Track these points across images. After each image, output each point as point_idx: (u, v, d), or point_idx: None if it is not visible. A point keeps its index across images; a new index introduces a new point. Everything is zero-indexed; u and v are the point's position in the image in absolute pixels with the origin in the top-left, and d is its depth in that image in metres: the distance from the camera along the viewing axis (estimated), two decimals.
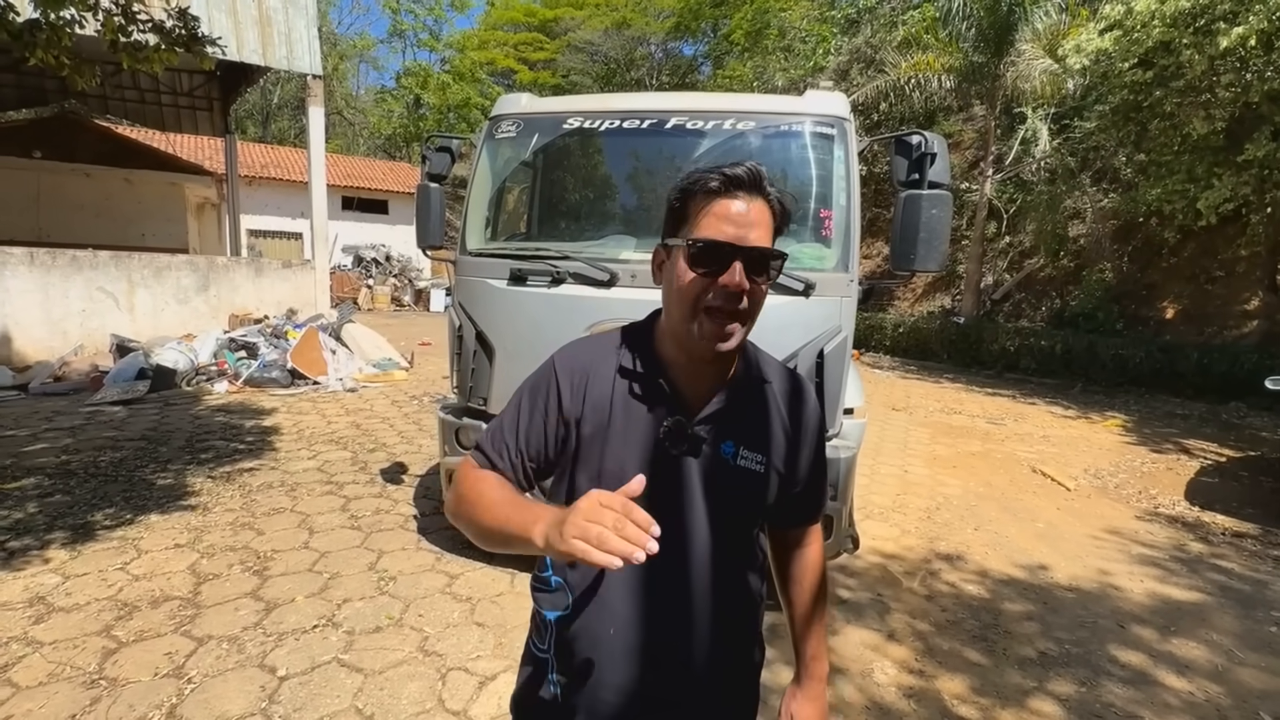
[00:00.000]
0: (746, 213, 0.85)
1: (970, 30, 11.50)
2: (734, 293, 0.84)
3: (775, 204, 0.89)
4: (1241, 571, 3.63)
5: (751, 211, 0.85)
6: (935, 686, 2.42)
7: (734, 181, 0.85)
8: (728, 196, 0.86)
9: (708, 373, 0.93)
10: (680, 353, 0.92)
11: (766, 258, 0.86)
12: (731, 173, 0.85)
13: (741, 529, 0.96)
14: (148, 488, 3.92)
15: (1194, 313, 10.72)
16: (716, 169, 0.86)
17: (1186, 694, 2.46)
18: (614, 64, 29.67)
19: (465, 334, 2.96)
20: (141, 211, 14.78)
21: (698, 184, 0.87)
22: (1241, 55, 8.09)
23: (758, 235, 0.85)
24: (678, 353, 0.93)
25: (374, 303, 18.21)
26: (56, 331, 7.49)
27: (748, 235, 0.84)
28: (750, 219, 0.85)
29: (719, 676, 0.95)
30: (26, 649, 2.33)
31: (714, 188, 0.86)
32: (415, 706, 2.15)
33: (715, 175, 0.86)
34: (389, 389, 7.29)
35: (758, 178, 0.86)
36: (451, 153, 3.25)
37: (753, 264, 0.84)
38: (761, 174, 0.87)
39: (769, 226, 0.87)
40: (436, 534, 3.46)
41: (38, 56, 3.32)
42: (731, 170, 0.85)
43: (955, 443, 6.27)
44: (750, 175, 0.86)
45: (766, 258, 0.86)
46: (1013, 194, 13.76)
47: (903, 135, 2.60)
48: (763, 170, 0.87)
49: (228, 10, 8.13)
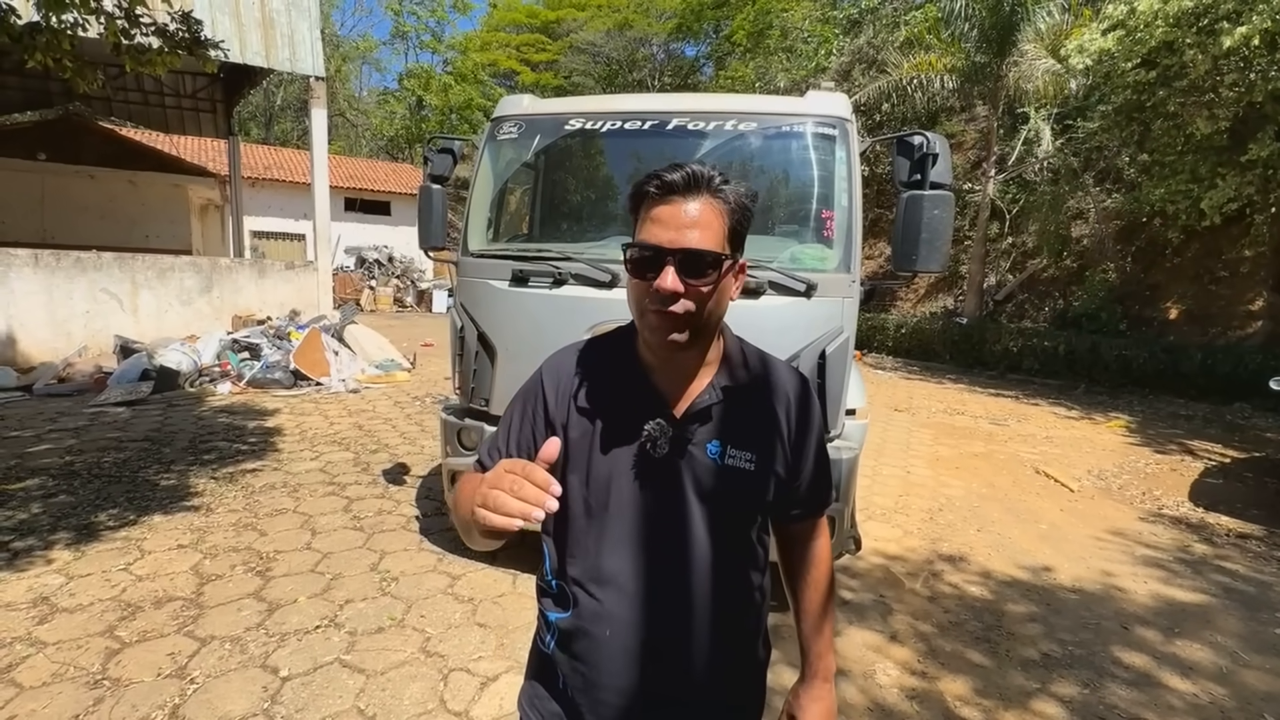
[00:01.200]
0: (684, 215, 0.83)
1: (972, 30, 11.49)
2: (667, 295, 0.82)
3: (730, 201, 0.86)
4: (1246, 573, 3.61)
5: (691, 213, 0.83)
6: (938, 688, 2.42)
7: (668, 186, 0.83)
8: (663, 201, 0.84)
9: (686, 373, 0.93)
10: (654, 355, 0.92)
11: (698, 259, 0.82)
12: (668, 177, 0.83)
13: (738, 528, 0.96)
14: (151, 488, 3.93)
15: (1198, 313, 10.68)
16: (655, 173, 0.84)
17: (1190, 696, 2.45)
18: (616, 65, 29.68)
19: (467, 335, 2.97)
20: (145, 213, 14.86)
21: (638, 189, 0.87)
22: (1245, 55, 8.07)
23: (698, 237, 0.82)
24: (653, 355, 0.93)
25: (376, 304, 18.25)
26: (61, 333, 7.52)
27: (683, 238, 0.82)
28: (689, 221, 0.82)
29: (720, 676, 0.95)
30: (30, 649, 2.34)
31: (650, 192, 0.85)
32: (417, 707, 2.15)
33: (653, 180, 0.84)
34: (391, 390, 7.30)
35: (695, 179, 0.83)
36: (453, 154, 3.25)
37: (688, 266, 0.82)
38: (701, 175, 0.83)
39: (717, 227, 0.84)
40: (438, 535, 3.47)
41: (37, 59, 3.34)
42: (668, 175, 0.83)
43: (958, 444, 6.26)
44: (687, 177, 0.83)
45: (698, 259, 0.82)
46: (1015, 194, 13.74)
47: (905, 136, 2.59)
48: (706, 170, 0.84)
49: (231, 12, 8.16)
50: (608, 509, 0.91)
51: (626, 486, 0.91)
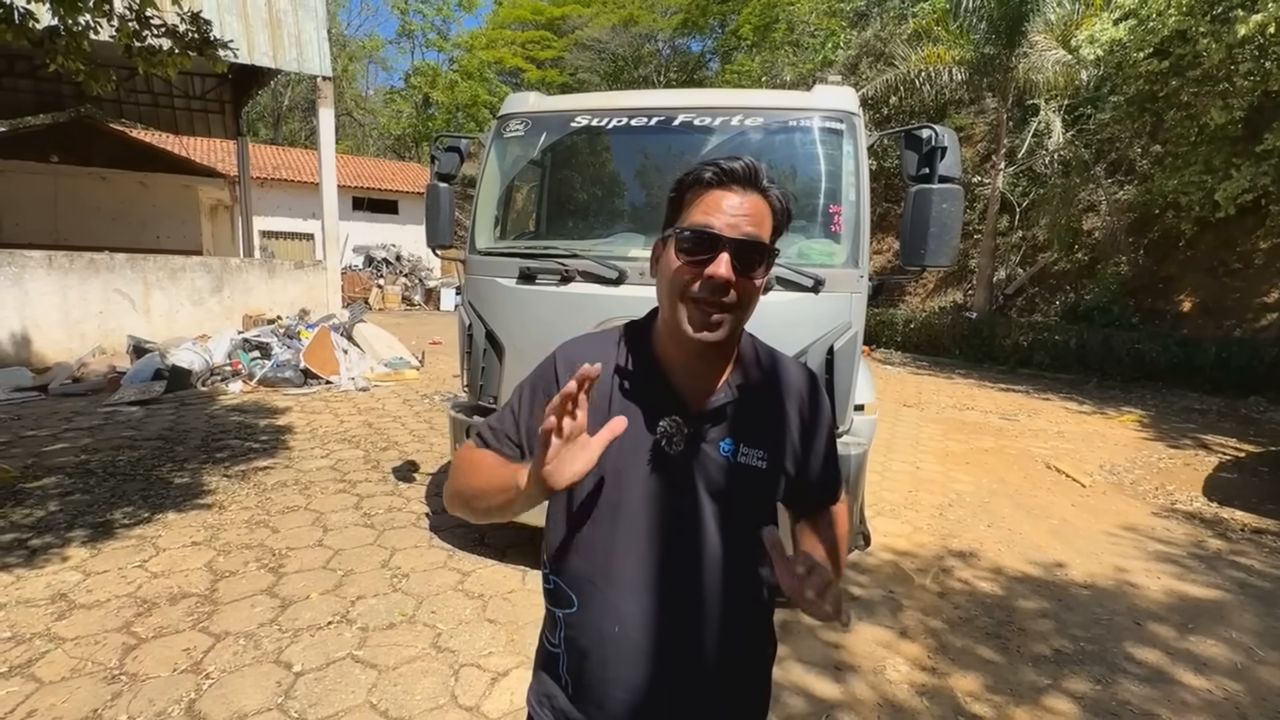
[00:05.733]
0: (740, 206, 0.84)
1: (981, 22, 11.38)
2: (719, 284, 0.82)
3: (775, 201, 0.87)
4: (1262, 568, 3.57)
5: (746, 205, 0.84)
6: (948, 684, 2.41)
7: (729, 174, 0.84)
8: (722, 189, 0.85)
9: (706, 371, 0.93)
10: (677, 350, 0.92)
11: (756, 250, 0.84)
12: (727, 165, 0.84)
13: (749, 525, 0.95)
14: (165, 486, 3.97)
15: (1212, 306, 10.55)
16: (713, 161, 0.85)
17: (1205, 692, 2.43)
18: (621, 61, 29.61)
19: (475, 333, 2.98)
20: (156, 214, 14.97)
21: (693, 176, 0.87)
22: (1260, 43, 7.95)
23: (751, 229, 0.84)
24: (676, 351, 0.92)
25: (385, 302, 18.33)
26: (75, 333, 7.60)
27: (740, 228, 0.83)
28: (744, 212, 0.84)
29: (728, 671, 0.95)
30: (49, 645, 2.38)
31: (708, 179, 0.85)
32: (429, 702, 2.17)
33: (711, 167, 0.85)
34: (400, 388, 7.34)
35: (754, 173, 0.85)
36: (460, 152, 3.26)
37: (742, 257, 0.83)
38: (758, 169, 0.85)
39: (766, 223, 0.86)
40: (448, 531, 3.49)
41: (58, 63, 3.38)
42: (728, 163, 0.84)
43: (968, 439, 6.22)
44: (747, 170, 0.84)
45: (756, 250, 0.84)
46: (1025, 187, 13.61)
47: (913, 129, 2.58)
48: (761, 166, 0.85)
49: (238, 13, 8.19)
50: (620, 505, 0.91)
51: (639, 483, 0.90)
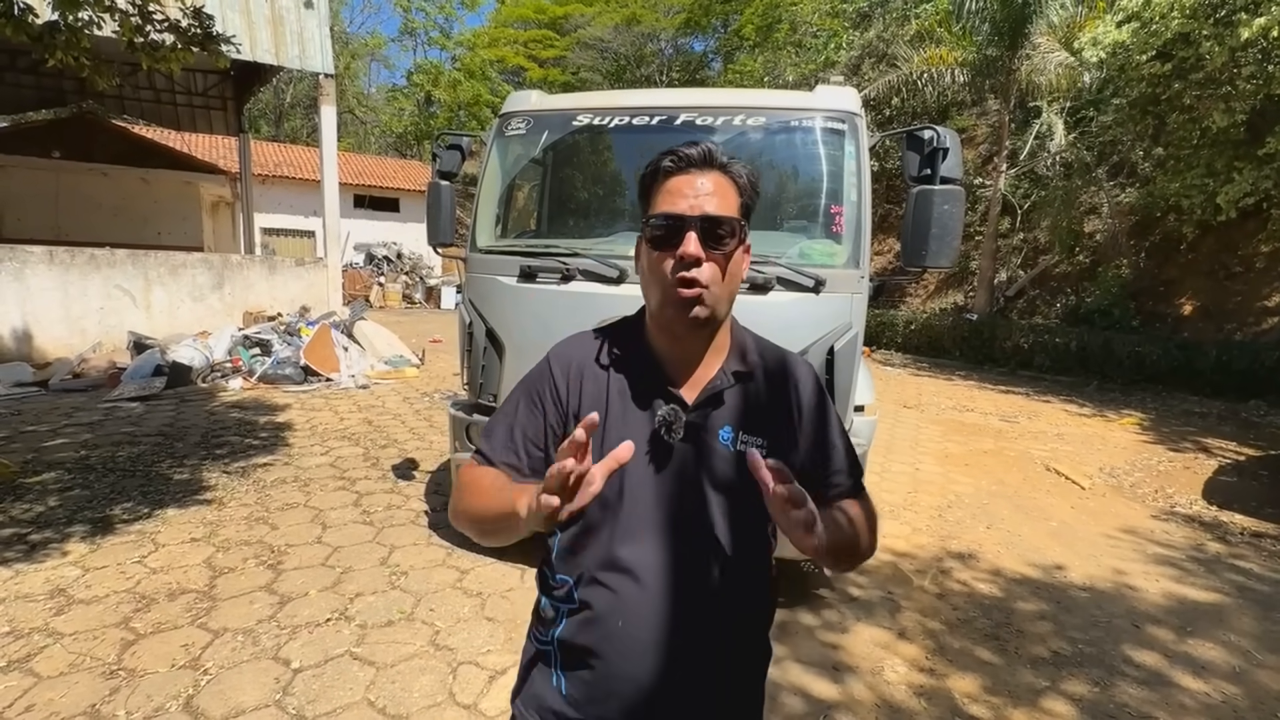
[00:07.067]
0: (702, 186, 0.87)
1: (984, 24, 11.37)
2: (690, 261, 0.84)
3: (739, 177, 0.90)
4: (1261, 572, 3.57)
5: (709, 184, 0.87)
6: (946, 685, 2.41)
7: (685, 160, 0.87)
8: (681, 174, 0.88)
9: (700, 359, 0.94)
10: (669, 340, 0.93)
11: (722, 224, 0.86)
12: (684, 151, 0.88)
13: (750, 515, 0.94)
14: (164, 482, 3.98)
15: (1213, 309, 10.54)
16: (670, 150, 0.88)
17: (1203, 695, 2.43)
18: (624, 60, 29.59)
19: (475, 331, 2.98)
20: (157, 210, 14.97)
21: (652, 167, 0.91)
22: (1263, 46, 7.95)
23: (714, 206, 0.86)
24: (668, 341, 0.94)
25: (385, 300, 18.33)
26: (75, 329, 7.61)
27: (701, 207, 0.86)
28: (706, 191, 0.87)
29: (729, 665, 0.95)
30: (48, 640, 2.38)
31: (666, 167, 0.89)
32: (426, 700, 2.17)
33: (668, 156, 0.88)
34: (400, 386, 7.34)
35: (710, 154, 0.88)
36: (462, 150, 3.26)
37: (710, 233, 0.85)
38: (713, 149, 0.88)
39: (731, 198, 0.89)
40: (447, 529, 3.49)
41: (57, 58, 3.37)
42: (684, 149, 0.88)
43: (967, 440, 6.22)
44: (703, 152, 0.88)
45: (722, 224, 0.86)
46: (1027, 189, 13.60)
47: (915, 130, 2.57)
48: (715, 147, 0.89)
49: (241, 10, 8.19)
50: (621, 497, 0.91)
51: (640, 473, 0.90)
